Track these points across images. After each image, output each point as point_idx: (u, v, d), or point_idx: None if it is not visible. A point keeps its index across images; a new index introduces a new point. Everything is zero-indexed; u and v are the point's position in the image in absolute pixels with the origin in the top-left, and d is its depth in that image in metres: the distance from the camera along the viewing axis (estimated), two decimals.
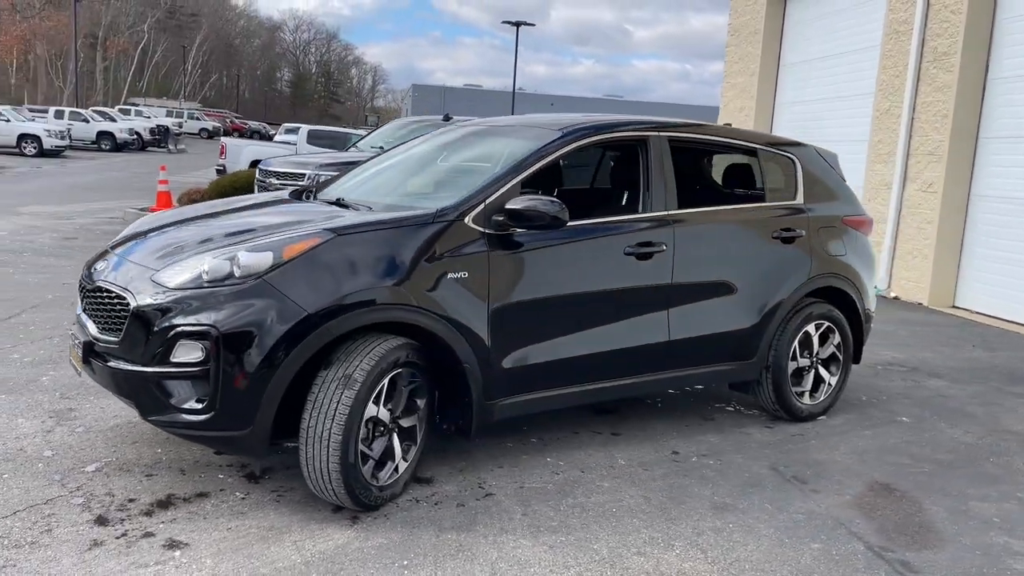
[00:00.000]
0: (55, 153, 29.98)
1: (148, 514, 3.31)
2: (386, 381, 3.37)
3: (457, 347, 3.58)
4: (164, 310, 3.18)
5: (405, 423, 3.57)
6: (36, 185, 18.27)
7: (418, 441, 3.66)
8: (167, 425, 3.24)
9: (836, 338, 5.01)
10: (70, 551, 2.98)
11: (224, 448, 3.35)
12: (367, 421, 3.34)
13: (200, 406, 3.15)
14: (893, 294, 10.29)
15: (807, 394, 4.97)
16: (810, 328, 4.88)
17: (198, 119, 58.32)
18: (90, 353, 3.42)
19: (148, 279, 3.33)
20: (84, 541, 3.06)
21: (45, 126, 30.88)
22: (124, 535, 3.12)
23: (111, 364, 3.30)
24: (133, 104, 53.35)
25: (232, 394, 3.13)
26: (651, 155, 4.35)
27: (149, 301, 3.23)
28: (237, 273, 3.20)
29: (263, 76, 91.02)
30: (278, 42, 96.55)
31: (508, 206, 3.69)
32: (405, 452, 3.60)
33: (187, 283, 3.22)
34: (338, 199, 4.21)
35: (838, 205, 5.14)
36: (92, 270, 3.71)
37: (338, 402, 3.21)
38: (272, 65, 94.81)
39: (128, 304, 3.29)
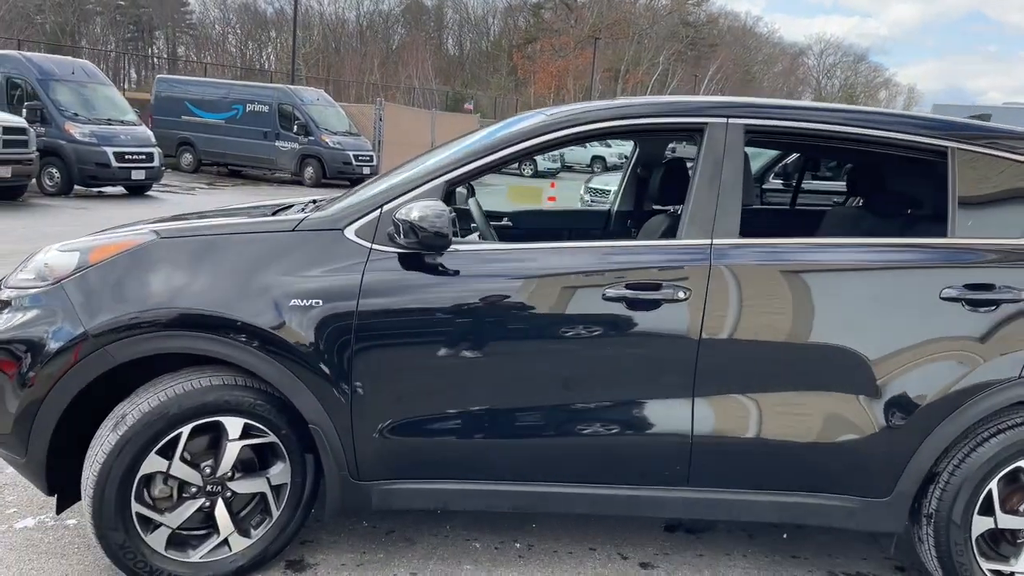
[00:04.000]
0: (545, 175, 33.44)
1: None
2: (186, 429, 2.64)
3: (296, 397, 2.68)
4: None
5: (240, 488, 2.77)
6: None
7: (275, 515, 2.83)
8: None
9: None
10: None
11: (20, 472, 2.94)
12: (151, 476, 2.64)
13: None
14: None
15: None
16: None
17: None
18: None
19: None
20: None
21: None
22: None
23: None
24: None
25: (5, 414, 2.69)
26: (703, 153, 2.82)
27: None
28: (46, 275, 2.77)
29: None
30: (800, 66, 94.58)
31: (395, 216, 2.66)
32: (249, 526, 2.81)
33: (17, 283, 2.88)
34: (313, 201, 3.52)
35: None
36: None
37: (101, 446, 2.59)
38: (791, 91, 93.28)
39: None
